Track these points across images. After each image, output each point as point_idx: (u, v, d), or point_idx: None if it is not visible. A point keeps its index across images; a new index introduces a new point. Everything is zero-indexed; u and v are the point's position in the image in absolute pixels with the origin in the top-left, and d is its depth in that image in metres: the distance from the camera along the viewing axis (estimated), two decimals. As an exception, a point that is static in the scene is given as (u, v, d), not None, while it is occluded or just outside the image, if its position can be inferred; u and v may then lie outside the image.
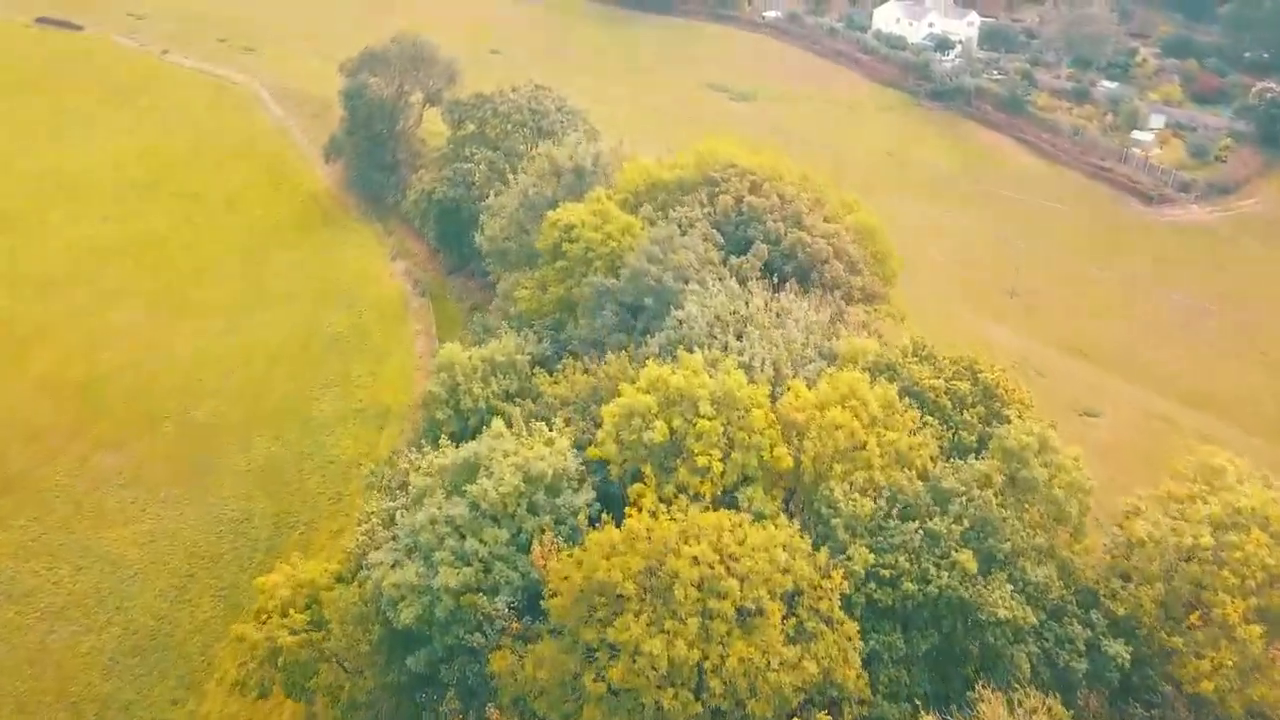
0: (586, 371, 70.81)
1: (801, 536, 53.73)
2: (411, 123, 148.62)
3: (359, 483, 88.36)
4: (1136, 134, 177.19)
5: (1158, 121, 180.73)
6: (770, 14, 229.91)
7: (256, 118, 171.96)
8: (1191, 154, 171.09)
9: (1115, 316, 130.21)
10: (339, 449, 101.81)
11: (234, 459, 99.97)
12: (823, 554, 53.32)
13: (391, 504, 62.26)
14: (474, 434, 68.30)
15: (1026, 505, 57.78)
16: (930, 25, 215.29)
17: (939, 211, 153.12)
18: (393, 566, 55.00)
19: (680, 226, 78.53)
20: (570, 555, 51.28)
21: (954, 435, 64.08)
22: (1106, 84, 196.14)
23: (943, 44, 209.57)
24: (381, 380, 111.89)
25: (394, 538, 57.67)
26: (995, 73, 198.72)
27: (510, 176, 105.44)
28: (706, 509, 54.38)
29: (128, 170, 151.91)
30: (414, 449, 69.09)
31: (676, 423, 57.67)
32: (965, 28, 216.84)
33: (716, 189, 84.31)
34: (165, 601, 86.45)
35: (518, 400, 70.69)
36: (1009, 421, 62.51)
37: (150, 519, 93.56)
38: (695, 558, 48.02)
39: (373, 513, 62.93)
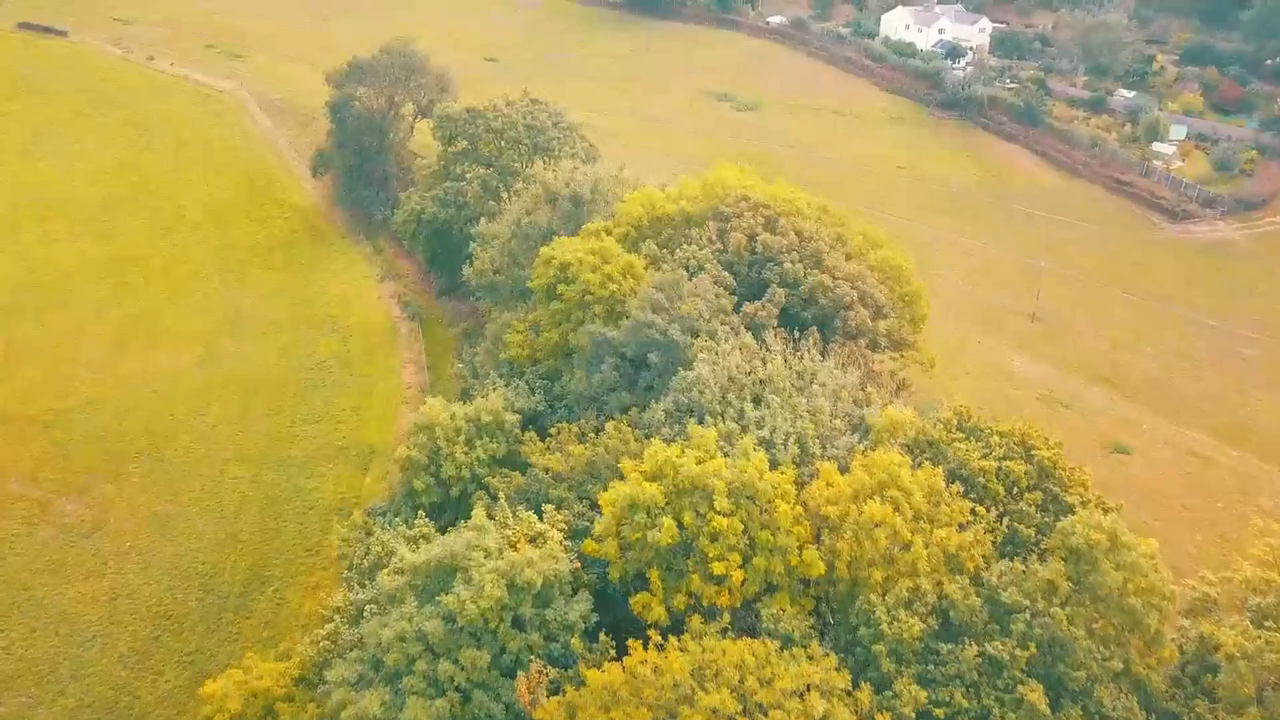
0: (583, 440, 62.80)
1: (839, 669, 45.75)
2: (402, 136, 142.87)
3: (337, 534, 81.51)
4: (1157, 146, 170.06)
5: (1179, 132, 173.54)
6: (775, 20, 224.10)
7: (242, 128, 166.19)
8: (1216, 167, 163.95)
9: (1144, 343, 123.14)
10: (319, 493, 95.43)
11: (204, 505, 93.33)
12: (865, 693, 45.39)
13: (360, 595, 54.64)
14: (456, 504, 61.03)
15: (1097, 614, 49.88)
16: (940, 32, 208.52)
17: (953, 229, 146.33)
18: (355, 685, 47.36)
19: (688, 268, 70.59)
20: (562, 701, 43.17)
21: (1009, 527, 56.20)
22: (1124, 93, 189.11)
23: (953, 51, 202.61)
24: (366, 416, 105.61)
25: (360, 641, 50.07)
26: (1009, 81, 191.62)
27: (504, 195, 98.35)
28: (725, 630, 46.50)
29: (105, 184, 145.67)
30: (388, 522, 61.75)
31: (687, 518, 49.91)
32: (977, 34, 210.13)
33: (727, 224, 76.44)
34: (125, 668, 79.62)
35: (504, 471, 62.89)
36: (1071, 510, 54.95)
37: (112, 573, 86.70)
38: (714, 709, 40.09)
39: (338, 609, 55.42)
